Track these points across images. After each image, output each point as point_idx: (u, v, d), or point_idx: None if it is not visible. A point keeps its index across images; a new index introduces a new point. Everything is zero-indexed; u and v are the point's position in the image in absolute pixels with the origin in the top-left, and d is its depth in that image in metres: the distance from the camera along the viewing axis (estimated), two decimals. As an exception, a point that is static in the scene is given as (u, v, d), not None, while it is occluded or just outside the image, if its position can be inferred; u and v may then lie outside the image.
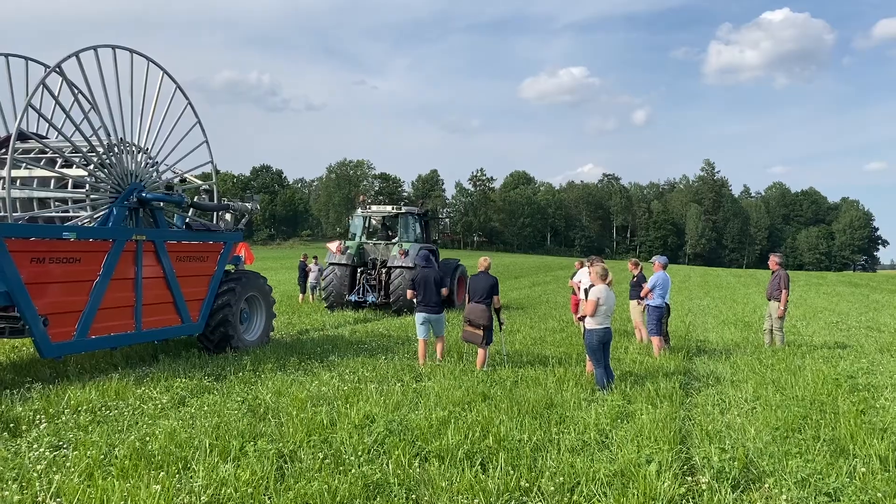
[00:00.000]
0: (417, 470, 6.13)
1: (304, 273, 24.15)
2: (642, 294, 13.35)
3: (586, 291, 11.27)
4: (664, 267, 13.37)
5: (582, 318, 10.52)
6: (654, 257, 14.27)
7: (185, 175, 13.34)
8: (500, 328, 11.86)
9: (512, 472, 6.10)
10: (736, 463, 6.42)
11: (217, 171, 13.84)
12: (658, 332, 12.86)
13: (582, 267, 15.05)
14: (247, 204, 14.15)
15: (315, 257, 25.16)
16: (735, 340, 15.79)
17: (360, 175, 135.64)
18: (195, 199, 13.08)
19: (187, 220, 12.96)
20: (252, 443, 6.64)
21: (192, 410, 8.06)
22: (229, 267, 13.27)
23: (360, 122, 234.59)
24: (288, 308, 21.19)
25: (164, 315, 11.47)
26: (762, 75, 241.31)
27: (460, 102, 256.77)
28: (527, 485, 5.87)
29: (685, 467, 6.62)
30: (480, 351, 11.14)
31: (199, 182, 13.91)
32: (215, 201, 13.73)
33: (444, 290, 11.66)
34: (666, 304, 13.08)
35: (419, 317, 11.63)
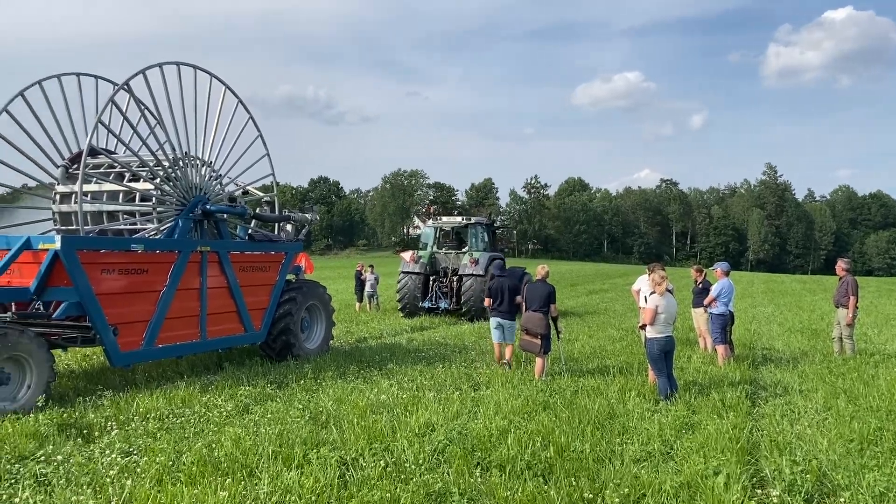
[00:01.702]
0: (479, 479, 6.10)
1: (360, 282, 24.40)
2: (705, 303, 13.04)
3: (647, 299, 11.07)
4: (727, 274, 13.04)
5: (643, 327, 10.34)
6: (715, 264, 13.92)
7: (248, 187, 13.64)
8: (558, 337, 11.75)
9: (575, 483, 6.02)
10: (809, 476, 6.20)
11: (277, 183, 14.12)
12: (723, 341, 12.54)
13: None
14: (306, 215, 14.38)
15: (371, 266, 25.38)
16: (802, 349, 15.28)
17: (415, 185, 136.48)
18: (257, 211, 13.36)
19: (249, 231, 13.25)
20: (315, 450, 6.72)
21: (256, 418, 8.21)
22: (290, 277, 13.50)
23: (413, 133, 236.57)
24: (345, 317, 21.43)
25: (228, 324, 11.73)
26: (824, 76, 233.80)
27: (513, 110, 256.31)
28: (590, 496, 5.78)
29: (754, 480, 6.43)
30: (538, 360, 11.05)
31: (261, 194, 14.20)
32: (276, 212, 13.99)
33: (518, 299, 11.97)
34: (730, 311, 12.75)
35: (493, 321, 12.16)
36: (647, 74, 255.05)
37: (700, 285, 14.03)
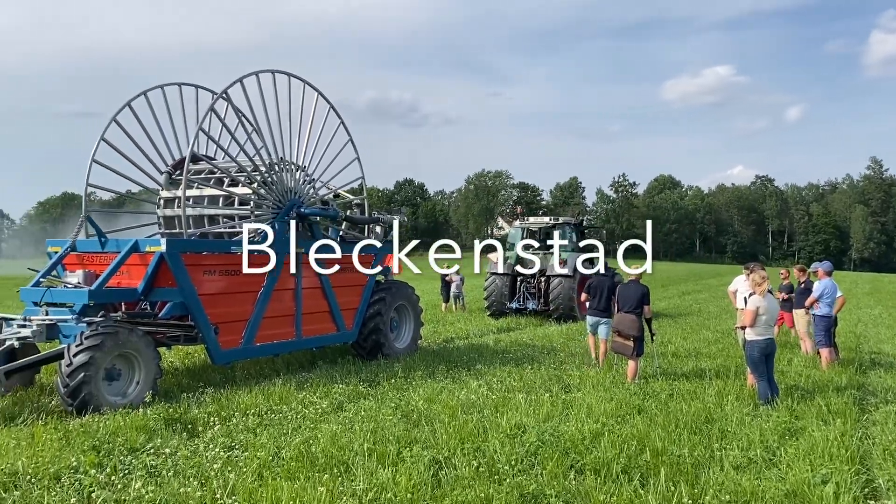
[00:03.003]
0: (573, 482, 6.02)
1: (445, 283, 24.57)
2: (806, 304, 12.46)
3: (746, 300, 10.67)
4: (829, 274, 12.40)
5: (742, 328, 9.97)
6: (814, 264, 13.28)
7: (338, 190, 13.95)
8: (652, 339, 11.48)
9: (673, 488, 5.86)
10: (928, 488, 5.83)
11: (366, 186, 14.40)
12: (827, 344, 11.95)
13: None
14: (395, 216, 14.58)
15: (457, 268, 25.47)
16: (916, 353, 14.38)
17: (499, 185, 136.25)
18: (348, 213, 13.66)
19: (341, 232, 13.56)
20: (408, 448, 6.81)
21: (350, 415, 8.37)
22: (379, 277, 13.72)
23: (496, 133, 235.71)
24: (432, 317, 21.59)
25: (321, 324, 12.04)
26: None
27: (598, 108, 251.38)
28: (690, 502, 5.62)
29: (866, 490, 6.09)
30: (631, 362, 10.82)
31: (351, 196, 14.51)
32: (366, 215, 14.26)
33: (615, 298, 12.03)
34: (833, 313, 12.13)
35: (591, 319, 12.32)
36: (738, 68, 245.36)
37: (802, 285, 13.42)
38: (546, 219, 23.60)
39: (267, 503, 5.50)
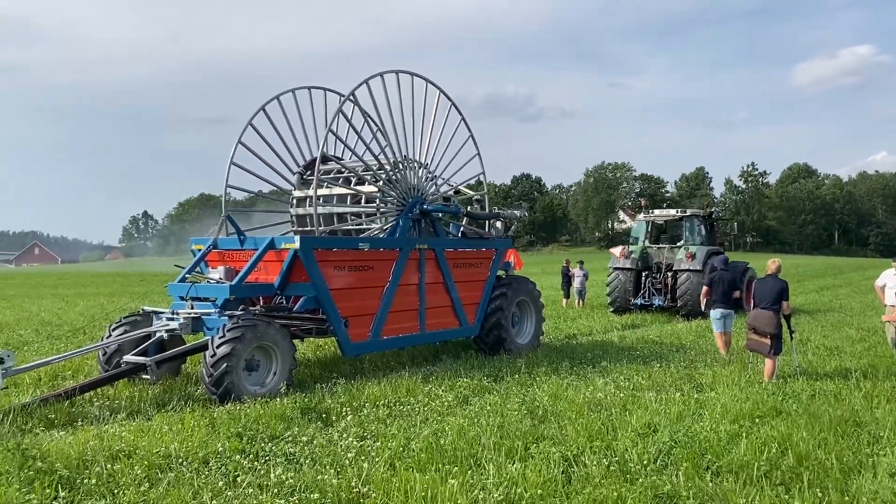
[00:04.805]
0: (710, 485, 5.79)
1: (567, 278, 24.25)
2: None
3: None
4: None
5: (892, 323, 9.25)
6: None
7: (459, 186, 14.08)
8: (791, 337, 10.84)
9: (820, 494, 5.52)
10: None
11: (485, 182, 14.44)
12: None
13: None
14: (515, 212, 14.55)
15: (580, 262, 25.11)
16: None
17: (620, 178, 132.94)
18: (468, 209, 13.75)
19: (462, 228, 13.67)
20: (535, 444, 6.77)
21: (476, 409, 8.43)
22: (500, 273, 13.74)
23: (616, 125, 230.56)
24: (553, 313, 21.39)
25: (444, 318, 12.22)
26: None
27: (724, 95, 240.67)
28: (840, 511, 5.27)
29: None
30: (768, 361, 10.28)
31: (471, 192, 14.60)
32: (486, 210, 14.31)
33: (737, 293, 12.46)
34: None
35: (716, 312, 12.42)
36: (880, 47, 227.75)
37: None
38: (672, 211, 22.71)
39: (400, 494, 5.62)
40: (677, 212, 22.24)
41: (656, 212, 22.87)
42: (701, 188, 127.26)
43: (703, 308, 13.72)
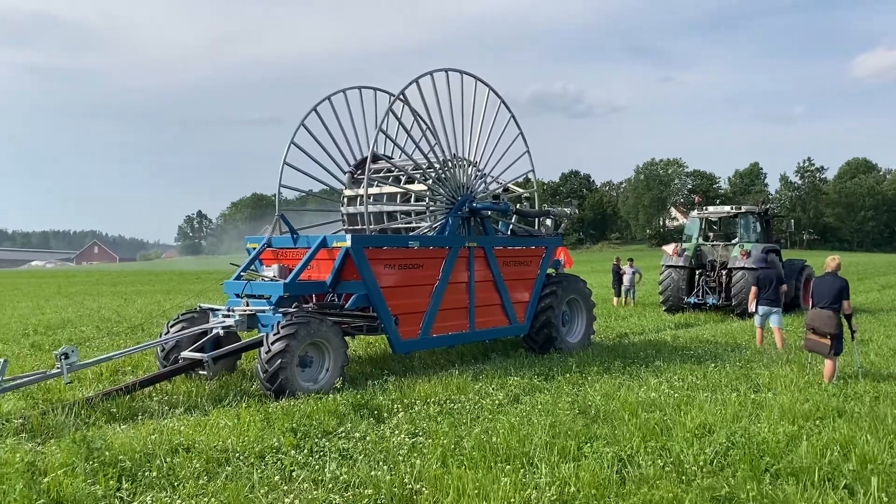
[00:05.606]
0: (769, 487, 5.66)
1: (617, 276, 23.96)
2: None
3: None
4: None
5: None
6: None
7: (508, 184, 14.02)
8: (853, 337, 10.51)
9: (887, 499, 5.34)
10: None
11: (535, 179, 14.36)
12: None
13: None
14: (565, 209, 14.43)
15: (630, 259, 24.79)
16: None
17: (672, 174, 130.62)
18: (518, 207, 13.69)
19: (511, 226, 13.63)
20: (588, 444, 6.71)
21: (527, 408, 8.40)
22: (550, 271, 13.65)
23: (667, 120, 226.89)
24: (603, 311, 21.15)
25: (493, 316, 12.19)
26: None
27: (779, 89, 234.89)
28: (908, 517, 5.10)
29: None
30: (828, 362, 9.99)
31: (520, 190, 14.53)
32: (535, 208, 14.23)
33: (783, 287, 12.89)
34: None
35: (761, 309, 13.01)
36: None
37: None
38: (727, 208, 22.16)
39: (452, 491, 5.63)
40: (732, 208, 21.72)
41: (710, 208, 22.39)
42: (755, 185, 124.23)
43: (749, 308, 13.61)
